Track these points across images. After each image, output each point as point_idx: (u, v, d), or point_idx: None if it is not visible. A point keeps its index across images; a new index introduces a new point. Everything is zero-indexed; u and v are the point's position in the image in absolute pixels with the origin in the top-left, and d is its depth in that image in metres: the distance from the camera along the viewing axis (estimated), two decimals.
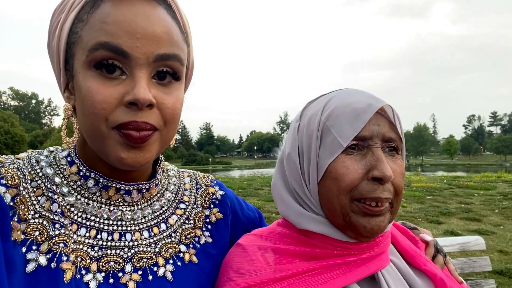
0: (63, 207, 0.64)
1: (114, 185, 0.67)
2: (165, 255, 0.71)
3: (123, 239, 0.67)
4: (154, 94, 0.60)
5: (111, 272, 0.63)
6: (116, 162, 0.61)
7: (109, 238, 0.66)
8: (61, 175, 0.67)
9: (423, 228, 0.91)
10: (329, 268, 0.68)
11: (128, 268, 0.65)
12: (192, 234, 0.78)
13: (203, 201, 0.85)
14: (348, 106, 0.68)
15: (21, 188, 0.61)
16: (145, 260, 0.68)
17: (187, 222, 0.79)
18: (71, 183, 0.66)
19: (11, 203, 0.58)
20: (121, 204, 0.69)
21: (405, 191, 10.11)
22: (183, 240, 0.76)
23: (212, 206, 0.85)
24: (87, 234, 0.65)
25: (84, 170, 0.67)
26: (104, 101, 0.57)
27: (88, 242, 0.64)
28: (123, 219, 0.69)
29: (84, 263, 0.62)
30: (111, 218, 0.68)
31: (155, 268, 0.68)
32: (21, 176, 0.62)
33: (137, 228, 0.70)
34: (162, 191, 0.78)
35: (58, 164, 0.68)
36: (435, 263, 0.77)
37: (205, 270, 0.75)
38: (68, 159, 0.68)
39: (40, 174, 0.65)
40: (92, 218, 0.66)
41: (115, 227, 0.67)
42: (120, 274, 0.64)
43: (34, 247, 0.58)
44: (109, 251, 0.65)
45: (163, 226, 0.74)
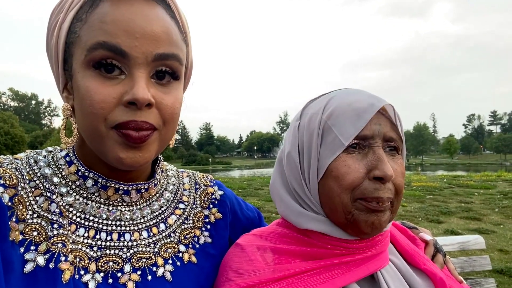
0: (62, 207, 0.64)
1: (113, 185, 0.67)
2: (164, 255, 0.71)
3: (122, 239, 0.67)
4: (153, 93, 0.59)
5: (110, 272, 0.63)
6: (115, 162, 0.60)
7: (108, 238, 0.66)
8: (60, 175, 0.66)
9: (423, 227, 0.91)
10: (328, 267, 0.67)
11: (127, 268, 0.65)
12: (191, 234, 0.78)
13: (202, 201, 0.84)
14: (349, 105, 0.68)
15: (19, 188, 0.60)
16: (144, 260, 0.67)
17: (186, 222, 0.79)
18: (70, 183, 0.66)
19: (9, 203, 0.58)
20: (120, 204, 0.69)
21: (405, 190, 10.11)
22: (182, 240, 0.75)
23: (211, 206, 0.85)
24: (86, 234, 0.64)
25: (82, 170, 0.66)
26: (103, 100, 0.56)
27: (87, 242, 0.64)
28: (122, 219, 0.69)
29: (83, 263, 0.62)
30: (110, 218, 0.67)
31: (154, 268, 0.68)
32: (19, 176, 0.62)
33: (136, 228, 0.70)
34: (161, 191, 0.78)
35: (57, 164, 0.67)
36: (434, 263, 0.77)
37: (205, 270, 0.74)
38: (67, 159, 0.68)
39: (39, 174, 0.65)
40: (91, 218, 0.66)
41: (114, 227, 0.67)
42: (119, 274, 0.64)
43: (32, 247, 0.58)
44: (108, 251, 0.65)
45: (162, 226, 0.74)
